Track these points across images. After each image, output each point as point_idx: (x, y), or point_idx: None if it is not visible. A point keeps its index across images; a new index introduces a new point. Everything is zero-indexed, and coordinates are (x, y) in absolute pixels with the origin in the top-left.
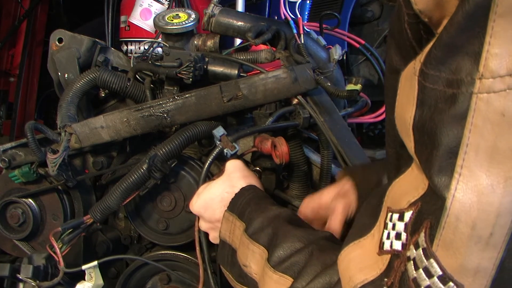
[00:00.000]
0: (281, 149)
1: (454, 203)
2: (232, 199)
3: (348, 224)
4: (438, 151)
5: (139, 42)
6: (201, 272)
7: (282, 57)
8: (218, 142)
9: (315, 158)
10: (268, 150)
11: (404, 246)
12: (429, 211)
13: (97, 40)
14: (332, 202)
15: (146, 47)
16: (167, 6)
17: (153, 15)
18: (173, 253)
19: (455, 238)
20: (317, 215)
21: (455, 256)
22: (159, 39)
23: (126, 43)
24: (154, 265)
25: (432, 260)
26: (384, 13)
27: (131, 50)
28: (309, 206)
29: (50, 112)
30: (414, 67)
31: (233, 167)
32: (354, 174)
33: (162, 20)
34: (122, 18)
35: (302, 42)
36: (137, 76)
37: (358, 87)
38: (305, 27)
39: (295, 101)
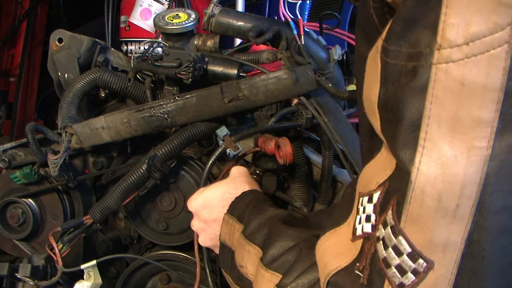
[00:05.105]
0: (285, 149)
1: (419, 176)
2: (233, 202)
3: None
4: (401, 125)
5: (139, 42)
6: (198, 270)
7: (283, 58)
8: (221, 142)
9: (315, 158)
10: (271, 151)
11: (374, 227)
12: (396, 189)
13: (97, 40)
14: None
15: (146, 47)
16: (167, 6)
17: (153, 15)
18: (173, 253)
19: (421, 212)
20: None
21: (423, 231)
22: (159, 39)
23: (126, 43)
24: (154, 264)
25: (400, 238)
26: None
27: (131, 50)
28: None
29: (50, 113)
30: (377, 45)
31: (239, 172)
32: None
33: (162, 20)
34: (122, 18)
35: (303, 43)
36: (137, 76)
37: None
38: (305, 27)
39: (295, 101)
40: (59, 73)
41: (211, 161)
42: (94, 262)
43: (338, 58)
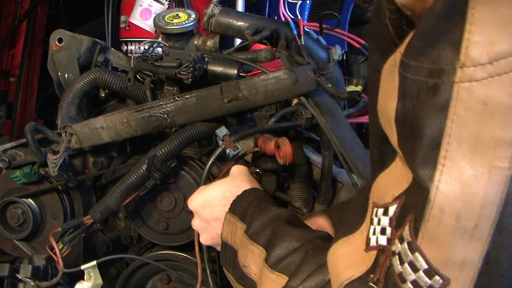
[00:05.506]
0: (285, 149)
1: (438, 194)
2: (234, 200)
3: None
4: (421, 142)
5: (139, 42)
6: (199, 271)
7: (282, 57)
8: (221, 142)
9: (315, 158)
10: (271, 151)
11: (389, 241)
12: (413, 204)
13: (97, 40)
14: None
15: (146, 47)
16: (167, 6)
17: (153, 15)
18: (173, 253)
19: (439, 230)
20: None
21: (441, 249)
22: (159, 39)
23: (126, 43)
24: (154, 264)
25: (417, 254)
26: None
27: (131, 50)
28: None
29: (50, 113)
30: (394, 59)
31: (239, 171)
32: (331, 214)
33: (162, 20)
34: (122, 18)
35: (303, 43)
36: (137, 76)
37: (359, 88)
38: (305, 27)
39: (295, 101)
40: (59, 73)
41: (210, 161)
42: (94, 262)
43: (338, 58)
